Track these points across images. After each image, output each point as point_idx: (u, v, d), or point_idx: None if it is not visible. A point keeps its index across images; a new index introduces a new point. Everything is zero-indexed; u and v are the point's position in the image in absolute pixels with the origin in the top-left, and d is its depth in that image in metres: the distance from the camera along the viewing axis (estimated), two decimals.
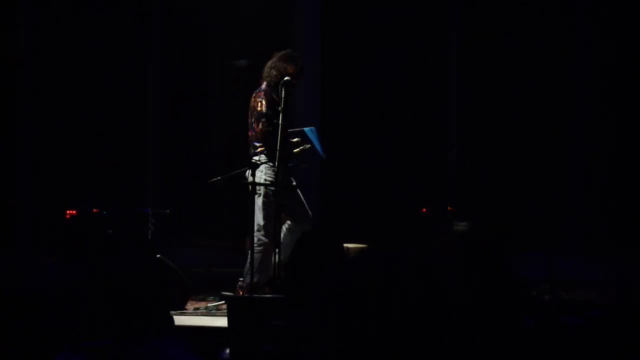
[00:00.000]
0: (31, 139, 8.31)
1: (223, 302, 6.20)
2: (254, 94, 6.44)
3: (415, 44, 8.38)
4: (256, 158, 6.21)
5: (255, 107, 6.40)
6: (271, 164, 6.26)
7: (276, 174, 6.13)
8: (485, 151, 8.22)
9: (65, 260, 3.53)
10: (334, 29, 8.39)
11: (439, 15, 8.43)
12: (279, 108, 6.18)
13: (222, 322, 5.40)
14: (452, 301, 1.64)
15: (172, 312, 2.35)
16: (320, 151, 6.42)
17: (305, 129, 6.42)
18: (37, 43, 8.31)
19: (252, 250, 6.22)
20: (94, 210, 6.17)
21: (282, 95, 6.23)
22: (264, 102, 6.38)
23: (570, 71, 8.31)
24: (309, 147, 6.36)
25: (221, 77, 8.48)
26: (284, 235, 6.30)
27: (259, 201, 6.34)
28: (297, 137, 6.37)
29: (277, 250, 5.93)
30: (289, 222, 6.43)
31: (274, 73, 6.36)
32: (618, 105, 8.13)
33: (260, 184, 6.26)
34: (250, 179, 6.21)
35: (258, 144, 6.34)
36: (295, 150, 6.31)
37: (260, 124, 6.35)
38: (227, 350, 3.65)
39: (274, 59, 6.43)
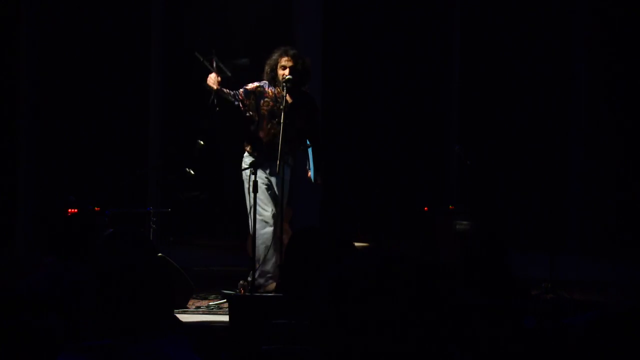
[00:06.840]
0: (32, 138, 8.30)
1: (224, 300, 6.20)
2: None
3: (417, 43, 8.37)
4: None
5: None
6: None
7: (278, 169, 6.16)
8: (486, 151, 8.21)
9: (65, 260, 3.51)
10: (335, 28, 8.39)
11: (440, 15, 8.42)
12: (281, 106, 6.21)
13: (223, 320, 5.41)
14: (452, 301, 1.63)
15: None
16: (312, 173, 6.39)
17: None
18: (39, 41, 8.30)
19: (254, 249, 6.21)
20: (95, 208, 6.16)
21: (284, 93, 6.26)
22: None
23: (571, 72, 8.31)
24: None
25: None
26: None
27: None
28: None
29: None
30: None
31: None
32: (619, 106, 8.12)
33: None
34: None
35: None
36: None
37: None
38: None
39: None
